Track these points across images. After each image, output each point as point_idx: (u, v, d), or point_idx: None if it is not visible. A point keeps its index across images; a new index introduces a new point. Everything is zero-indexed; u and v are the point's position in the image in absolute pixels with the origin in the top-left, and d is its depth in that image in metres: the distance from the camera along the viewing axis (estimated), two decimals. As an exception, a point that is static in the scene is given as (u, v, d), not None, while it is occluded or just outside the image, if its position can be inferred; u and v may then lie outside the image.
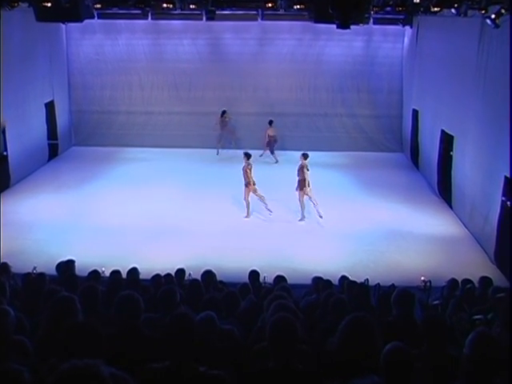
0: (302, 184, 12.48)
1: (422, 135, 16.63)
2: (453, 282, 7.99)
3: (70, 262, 7.60)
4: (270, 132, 17.84)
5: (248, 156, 12.67)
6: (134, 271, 7.41)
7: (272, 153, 17.78)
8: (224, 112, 18.48)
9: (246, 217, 12.65)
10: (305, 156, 12.64)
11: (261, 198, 12.73)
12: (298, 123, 19.32)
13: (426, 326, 3.90)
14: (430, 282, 9.03)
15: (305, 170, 12.38)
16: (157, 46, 19.03)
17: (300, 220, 12.56)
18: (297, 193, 12.62)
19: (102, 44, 19.00)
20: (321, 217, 12.45)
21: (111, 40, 18.94)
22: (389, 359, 3.05)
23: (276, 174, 15.78)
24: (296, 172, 12.63)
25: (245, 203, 12.69)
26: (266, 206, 12.74)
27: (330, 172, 16.81)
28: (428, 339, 3.83)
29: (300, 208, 12.63)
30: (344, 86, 19.19)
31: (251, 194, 12.62)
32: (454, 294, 7.62)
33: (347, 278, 7.80)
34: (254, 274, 7.90)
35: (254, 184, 12.52)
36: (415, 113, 17.30)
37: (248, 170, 12.52)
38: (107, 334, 3.37)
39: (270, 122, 17.96)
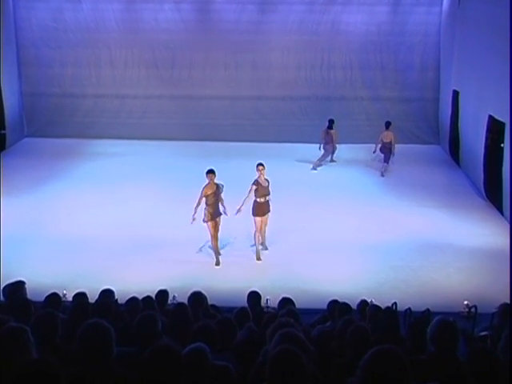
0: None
1: (464, 123, 16.65)
2: (505, 307, 7.97)
3: (19, 284, 7.57)
4: (386, 138, 16.84)
5: (213, 173, 11.18)
6: (107, 293, 7.39)
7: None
8: (331, 123, 17.25)
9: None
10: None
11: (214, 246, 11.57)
12: (309, 109, 19.38)
13: (473, 365, 3.84)
14: (475, 307, 9.00)
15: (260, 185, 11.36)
16: (131, 11, 19.12)
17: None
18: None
19: (61, 8, 19.03)
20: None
21: (73, 3, 18.99)
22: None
23: (285, 173, 15.83)
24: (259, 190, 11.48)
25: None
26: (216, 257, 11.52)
27: (349, 170, 16.83)
28: (476, 382, 3.80)
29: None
30: (365, 63, 19.25)
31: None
32: (507, 324, 7.60)
33: (370, 302, 7.78)
34: (254, 297, 7.90)
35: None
36: (455, 95, 17.32)
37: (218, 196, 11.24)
38: (68, 375, 3.37)
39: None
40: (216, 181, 11.23)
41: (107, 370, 3.77)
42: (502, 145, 13.69)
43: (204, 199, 11.17)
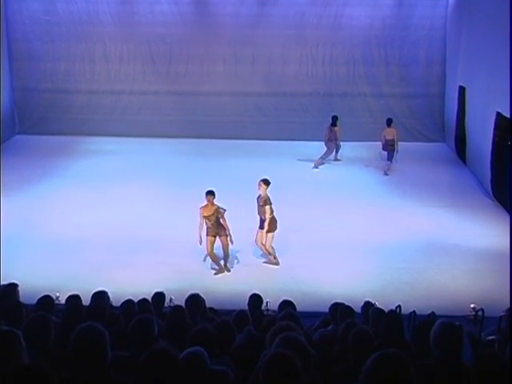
0: (269, 224, 11.16)
1: (471, 120, 16.65)
2: (513, 310, 7.98)
3: (12, 287, 7.57)
4: (389, 135, 16.80)
5: (212, 194, 10.95)
6: (101, 295, 7.39)
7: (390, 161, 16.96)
8: (335, 119, 17.35)
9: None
10: (265, 183, 11.18)
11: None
12: (310, 106, 19.39)
13: (480, 371, 3.84)
14: (482, 310, 9.00)
15: (267, 207, 11.06)
16: (126, 4, 19.15)
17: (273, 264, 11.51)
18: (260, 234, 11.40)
19: (54, 0, 19.01)
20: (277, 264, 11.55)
21: (67, -5, 18.97)
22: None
23: (286, 171, 15.87)
24: (257, 207, 11.32)
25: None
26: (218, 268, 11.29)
27: (351, 168, 16.84)
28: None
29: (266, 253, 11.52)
30: (369, 58, 19.26)
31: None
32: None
33: (373, 305, 7.79)
34: (255, 300, 7.90)
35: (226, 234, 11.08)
36: (462, 91, 17.32)
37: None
38: (62, 380, 3.36)
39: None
40: (216, 203, 10.97)
41: (102, 375, 3.75)
42: (510, 143, 13.67)
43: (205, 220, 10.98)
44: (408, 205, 14.13)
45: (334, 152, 17.48)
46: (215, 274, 11.11)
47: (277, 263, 11.39)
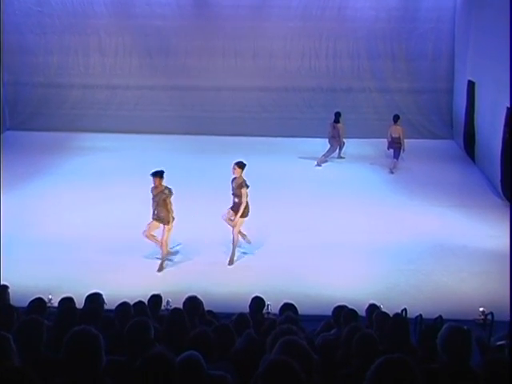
0: (244, 208, 11.32)
1: (481, 116, 16.66)
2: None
3: (2, 289, 7.59)
4: (395, 132, 16.77)
5: (162, 175, 11.27)
6: (95, 298, 7.40)
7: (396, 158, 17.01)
8: (338, 116, 17.24)
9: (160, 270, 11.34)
10: (239, 166, 11.32)
11: (161, 243, 11.38)
12: (313, 101, 19.40)
13: (489, 376, 3.85)
14: (491, 314, 9.02)
15: (243, 190, 11.20)
16: (122, -5, 19.13)
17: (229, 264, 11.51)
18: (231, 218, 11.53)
19: (47, -9, 19.03)
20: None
21: (60, -14, 18.98)
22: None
23: (288, 169, 15.87)
24: (231, 189, 11.46)
25: (163, 249, 11.39)
26: (162, 255, 11.38)
27: (355, 166, 16.85)
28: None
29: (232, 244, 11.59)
30: (374, 51, 19.28)
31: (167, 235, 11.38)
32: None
33: (378, 308, 7.80)
34: (257, 303, 7.90)
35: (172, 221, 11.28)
36: (471, 86, 17.33)
37: (168, 200, 11.21)
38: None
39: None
40: (164, 184, 11.23)
41: (96, 380, 3.76)
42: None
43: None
44: (414, 204, 14.14)
45: (337, 149, 17.49)
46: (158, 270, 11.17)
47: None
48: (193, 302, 7.08)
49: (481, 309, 9.47)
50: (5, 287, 7.70)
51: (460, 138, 18.50)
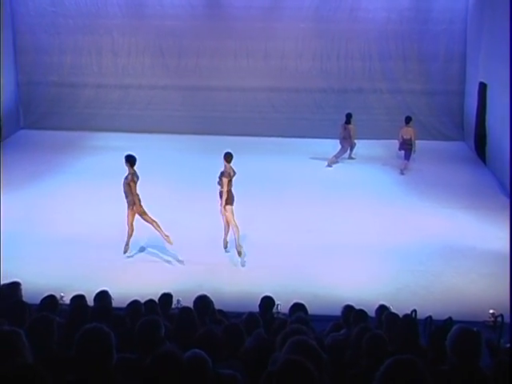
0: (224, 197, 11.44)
1: (492, 118, 16.57)
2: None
3: (14, 285, 7.62)
4: (406, 134, 16.73)
5: (132, 161, 11.45)
6: (103, 296, 7.43)
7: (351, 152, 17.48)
8: (349, 117, 17.19)
9: (125, 252, 11.66)
10: (225, 158, 11.72)
11: (153, 224, 11.61)
12: (324, 102, 19.36)
13: (499, 379, 3.83)
14: (501, 316, 8.98)
15: (224, 179, 11.41)
16: (135, -5, 19.16)
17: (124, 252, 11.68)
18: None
19: (61, -9, 19.10)
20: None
21: (73, -15, 19.04)
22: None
23: (298, 169, 15.85)
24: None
25: (128, 229, 11.66)
26: (161, 235, 11.54)
27: (366, 167, 16.80)
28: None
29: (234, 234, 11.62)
30: (385, 53, 19.20)
31: (138, 218, 11.57)
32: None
33: (387, 309, 7.79)
34: (267, 302, 7.92)
35: (139, 204, 11.44)
36: (483, 88, 17.24)
37: (132, 184, 11.36)
38: (66, 383, 3.37)
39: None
40: (134, 169, 11.44)
41: (107, 377, 3.77)
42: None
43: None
44: (425, 205, 14.09)
45: (348, 150, 17.46)
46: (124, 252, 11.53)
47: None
48: (203, 301, 7.10)
49: (491, 311, 9.43)
50: (17, 284, 7.72)
51: (471, 139, 18.42)
